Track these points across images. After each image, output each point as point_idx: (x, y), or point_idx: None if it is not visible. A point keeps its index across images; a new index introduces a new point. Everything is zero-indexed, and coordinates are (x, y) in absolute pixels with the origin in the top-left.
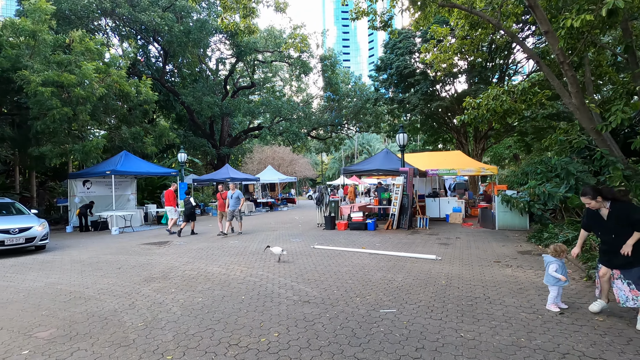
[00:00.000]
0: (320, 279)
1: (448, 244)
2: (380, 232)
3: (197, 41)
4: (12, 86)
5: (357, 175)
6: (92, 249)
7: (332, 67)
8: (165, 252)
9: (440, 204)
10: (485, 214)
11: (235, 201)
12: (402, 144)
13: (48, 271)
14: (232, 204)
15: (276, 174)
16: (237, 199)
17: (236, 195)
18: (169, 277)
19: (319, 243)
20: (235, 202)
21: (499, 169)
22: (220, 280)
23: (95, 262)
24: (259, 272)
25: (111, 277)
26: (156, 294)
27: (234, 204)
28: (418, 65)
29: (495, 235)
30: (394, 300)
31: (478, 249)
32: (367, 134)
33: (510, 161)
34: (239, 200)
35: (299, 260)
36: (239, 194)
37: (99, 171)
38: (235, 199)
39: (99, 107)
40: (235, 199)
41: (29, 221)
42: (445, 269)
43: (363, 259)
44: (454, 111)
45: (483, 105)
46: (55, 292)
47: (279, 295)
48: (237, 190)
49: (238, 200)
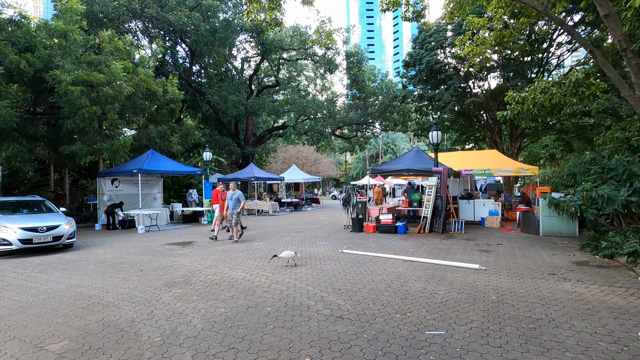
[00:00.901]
0: (353, 289)
1: (489, 251)
2: (412, 236)
3: (223, 40)
4: (44, 86)
5: (383, 176)
6: (117, 248)
7: (359, 63)
8: (189, 253)
9: (475, 207)
10: (527, 218)
11: (235, 203)
12: (436, 142)
13: (72, 271)
14: (231, 206)
15: (300, 174)
16: (237, 200)
17: (236, 196)
18: (191, 282)
19: (348, 247)
20: (234, 204)
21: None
22: (244, 287)
23: (119, 262)
24: (285, 278)
25: (133, 280)
26: (177, 302)
27: (233, 206)
28: (449, 61)
29: (541, 242)
30: (440, 319)
31: (525, 257)
32: (391, 133)
33: (546, 161)
34: (239, 203)
35: (327, 266)
36: (240, 195)
37: (126, 170)
38: (235, 200)
39: (127, 106)
40: (235, 201)
41: (57, 219)
42: (492, 281)
43: (397, 266)
44: (489, 108)
45: (529, 99)
46: (75, 296)
47: (308, 307)
48: (237, 191)
49: (238, 202)
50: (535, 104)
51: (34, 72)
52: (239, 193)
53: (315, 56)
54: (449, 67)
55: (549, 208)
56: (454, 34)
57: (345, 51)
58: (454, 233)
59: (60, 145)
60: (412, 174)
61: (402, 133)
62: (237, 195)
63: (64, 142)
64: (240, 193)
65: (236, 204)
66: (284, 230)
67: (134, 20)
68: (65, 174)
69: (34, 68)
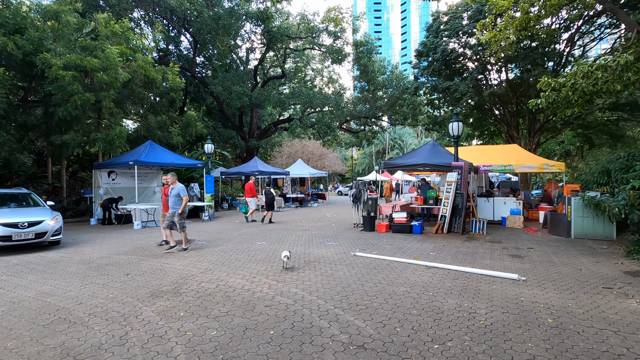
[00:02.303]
0: (372, 304)
1: (521, 256)
2: (429, 237)
3: (227, 28)
4: (35, 71)
5: (389, 171)
6: (107, 246)
7: (369, 54)
8: (184, 253)
9: (494, 205)
10: (555, 218)
11: (175, 200)
12: (457, 134)
13: (49, 274)
14: (171, 205)
15: (306, 168)
16: (177, 197)
17: (175, 192)
18: (181, 291)
19: (361, 249)
20: (174, 201)
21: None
22: (242, 299)
23: (104, 264)
24: (292, 288)
25: (114, 287)
26: (159, 320)
27: (173, 204)
28: (465, 52)
29: (576, 246)
30: (491, 353)
31: (566, 265)
32: (399, 129)
33: (560, 158)
34: (180, 200)
35: (339, 272)
36: (181, 189)
37: (122, 161)
38: (173, 197)
39: (125, 94)
40: (174, 198)
41: (41, 214)
42: (538, 295)
43: (420, 274)
44: (507, 101)
45: (568, 85)
46: (41, 308)
47: (320, 331)
48: (178, 185)
49: (178, 199)
50: (575, 90)
51: (23, 56)
52: (179, 187)
53: (323, 46)
54: (465, 56)
55: (587, 208)
56: (472, 20)
57: (355, 40)
58: (475, 234)
59: (52, 135)
60: (427, 169)
61: (410, 128)
62: (176, 191)
63: (57, 131)
64: (182, 187)
65: (176, 201)
66: (289, 228)
67: (136, 8)
68: (62, 166)
69: (23, 51)
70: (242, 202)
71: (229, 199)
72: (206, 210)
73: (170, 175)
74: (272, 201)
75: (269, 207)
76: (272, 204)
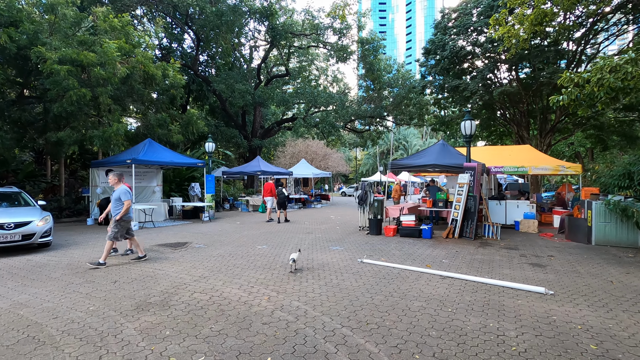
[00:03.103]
0: (385, 322)
1: (542, 265)
2: (440, 242)
3: (230, 24)
4: (30, 65)
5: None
6: (100, 249)
7: (375, 51)
8: (179, 258)
9: (507, 208)
10: (573, 223)
11: (116, 205)
12: (469, 134)
13: (30, 281)
14: (112, 210)
15: (310, 168)
16: (118, 201)
17: (116, 194)
18: (170, 303)
19: (368, 255)
20: (115, 206)
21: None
22: (238, 315)
23: (92, 269)
24: (293, 301)
25: (98, 297)
26: (141, 340)
27: (114, 209)
28: (475, 50)
29: (601, 254)
30: None
31: (594, 277)
32: (403, 129)
33: (570, 160)
34: (121, 205)
35: (346, 282)
36: (123, 192)
37: (120, 160)
38: (114, 201)
39: (124, 90)
40: (115, 202)
41: (30, 215)
42: (572, 313)
43: (435, 285)
44: (519, 100)
45: (593, 80)
46: (11, 323)
47: (326, 356)
48: (121, 187)
49: (119, 203)
50: (601, 86)
51: (17, 50)
52: (121, 190)
53: (328, 44)
54: (473, 54)
55: (611, 213)
56: (483, 17)
57: (360, 38)
58: (488, 239)
59: (48, 132)
60: (437, 170)
61: (415, 129)
62: (117, 194)
63: (52, 128)
64: (125, 190)
65: (117, 205)
66: (291, 230)
67: (139, 5)
68: (61, 164)
69: (17, 44)
70: (243, 202)
71: (231, 199)
72: (206, 211)
73: (112, 175)
74: (285, 201)
75: (281, 206)
76: (284, 204)
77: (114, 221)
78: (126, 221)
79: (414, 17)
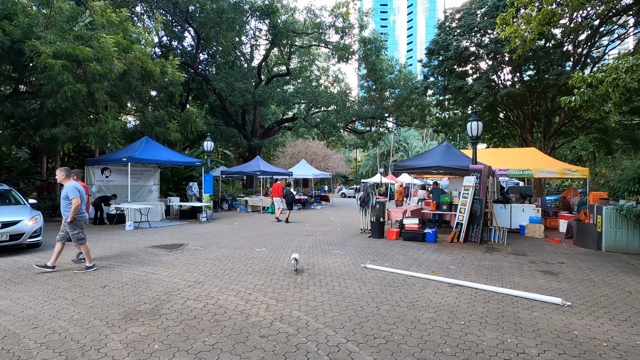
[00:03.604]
0: (393, 336)
1: (554, 272)
2: (445, 247)
3: (231, 22)
4: (24, 60)
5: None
6: (92, 249)
7: (377, 51)
8: (174, 260)
9: (512, 212)
10: (582, 229)
11: (65, 204)
12: (475, 135)
13: (14, 285)
14: (62, 210)
15: (310, 169)
16: (66, 200)
17: (64, 193)
18: (161, 311)
19: (371, 260)
20: (64, 205)
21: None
22: (234, 326)
23: (81, 272)
24: (294, 311)
25: (84, 304)
26: (126, 355)
27: (64, 209)
28: (479, 51)
29: (612, 262)
30: None
31: (610, 286)
32: (403, 131)
33: (571, 164)
34: (70, 204)
35: (349, 289)
36: (71, 189)
37: (116, 158)
38: (63, 199)
39: (121, 87)
40: (64, 201)
41: (19, 214)
42: (593, 328)
43: (444, 294)
44: (523, 102)
45: (608, 81)
46: None
47: None
48: (69, 184)
49: (68, 203)
50: (616, 87)
51: (11, 43)
52: (69, 187)
53: (330, 43)
54: (477, 55)
55: (623, 219)
56: (488, 17)
57: (362, 37)
58: (494, 244)
59: (42, 128)
60: (442, 172)
61: (415, 131)
62: (65, 192)
63: (47, 124)
64: (72, 187)
65: (67, 207)
66: (291, 233)
67: (139, 3)
68: (57, 161)
69: (11, 38)
70: (242, 202)
71: (229, 199)
72: (204, 212)
73: (59, 172)
74: (292, 201)
75: (289, 206)
76: (291, 204)
77: (67, 224)
78: (80, 221)
79: (415, 19)
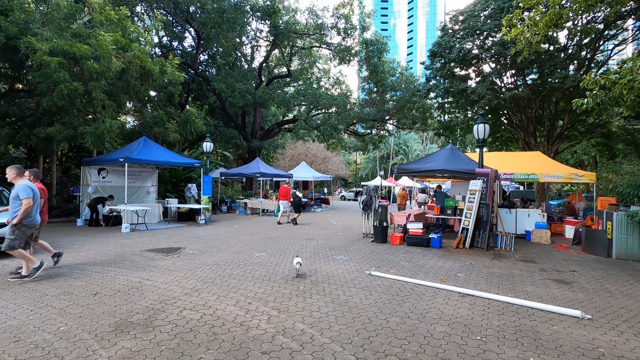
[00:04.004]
0: (406, 353)
1: (567, 282)
2: (451, 253)
3: (232, 22)
4: (20, 57)
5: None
6: (85, 253)
7: (379, 53)
8: (171, 265)
9: (517, 217)
10: (591, 235)
11: (14, 204)
12: (482, 138)
13: (0, 291)
14: (10, 211)
15: (310, 171)
16: (16, 200)
17: (14, 192)
18: (155, 323)
19: (376, 267)
20: (13, 205)
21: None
22: (233, 340)
23: (72, 278)
24: (297, 323)
25: (72, 313)
26: None
27: (12, 208)
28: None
29: (625, 270)
30: None
31: (628, 297)
32: (403, 134)
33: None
34: (19, 204)
35: (355, 298)
36: (22, 189)
37: (112, 158)
38: (13, 199)
39: (119, 86)
40: (14, 201)
41: (7, 215)
42: (619, 344)
43: (455, 305)
44: (528, 105)
45: (622, 83)
46: None
47: None
48: (20, 182)
49: (18, 203)
50: (631, 89)
51: (7, 40)
52: (20, 187)
53: (331, 45)
54: (480, 58)
55: (639, 225)
56: (492, 19)
57: (364, 39)
58: (501, 250)
59: (37, 127)
60: (446, 175)
61: (415, 134)
62: (15, 191)
63: (43, 123)
64: (24, 186)
65: (16, 206)
66: (291, 237)
67: (139, 2)
68: (53, 161)
69: (7, 34)
70: (241, 204)
71: (228, 201)
72: (202, 214)
73: (9, 169)
74: (299, 204)
75: (296, 209)
76: (299, 207)
77: (12, 226)
78: (28, 226)
79: (416, 22)
